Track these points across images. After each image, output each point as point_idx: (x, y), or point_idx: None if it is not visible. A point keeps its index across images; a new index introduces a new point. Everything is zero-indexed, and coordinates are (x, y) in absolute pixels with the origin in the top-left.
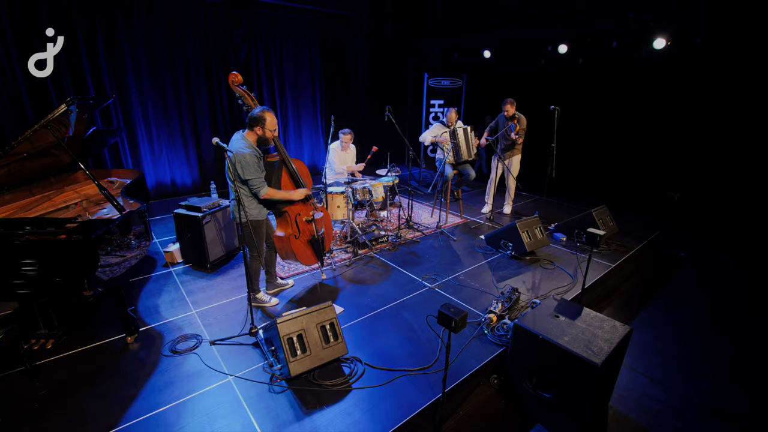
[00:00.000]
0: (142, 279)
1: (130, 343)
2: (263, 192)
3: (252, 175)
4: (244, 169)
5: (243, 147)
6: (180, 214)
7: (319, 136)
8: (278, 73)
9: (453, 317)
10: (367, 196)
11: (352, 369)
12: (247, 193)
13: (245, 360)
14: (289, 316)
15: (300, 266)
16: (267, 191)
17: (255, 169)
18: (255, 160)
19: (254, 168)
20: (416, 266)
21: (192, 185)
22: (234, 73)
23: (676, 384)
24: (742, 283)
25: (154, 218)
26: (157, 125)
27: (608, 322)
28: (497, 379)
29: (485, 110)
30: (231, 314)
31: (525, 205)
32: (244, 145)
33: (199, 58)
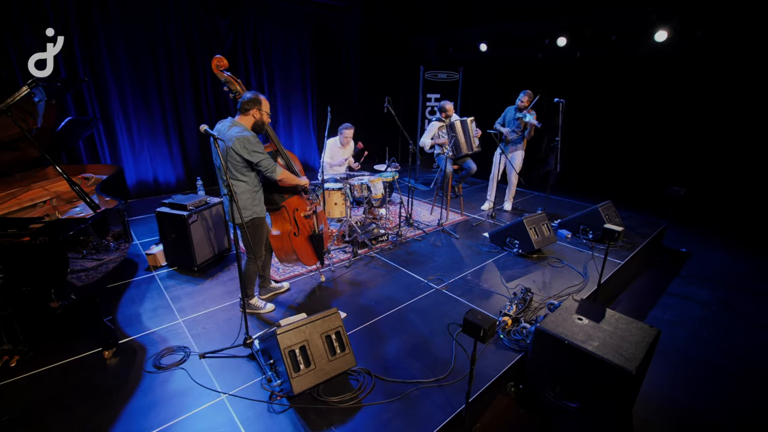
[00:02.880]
0: (122, 285)
1: (108, 358)
2: (278, 173)
3: (261, 156)
4: (251, 151)
5: (241, 130)
6: (163, 213)
7: (310, 131)
8: (267, 65)
9: (481, 325)
10: (365, 192)
11: (361, 382)
12: (250, 185)
13: (240, 375)
14: (291, 326)
15: (297, 268)
16: (281, 172)
17: (261, 149)
18: (258, 141)
19: (260, 148)
20: (420, 266)
21: (176, 183)
22: (218, 57)
23: (697, 386)
24: (747, 278)
25: (135, 218)
26: (137, 119)
27: (635, 323)
28: (514, 387)
29: (483, 104)
30: (222, 323)
31: (524, 201)
32: (242, 129)
33: (182, 49)
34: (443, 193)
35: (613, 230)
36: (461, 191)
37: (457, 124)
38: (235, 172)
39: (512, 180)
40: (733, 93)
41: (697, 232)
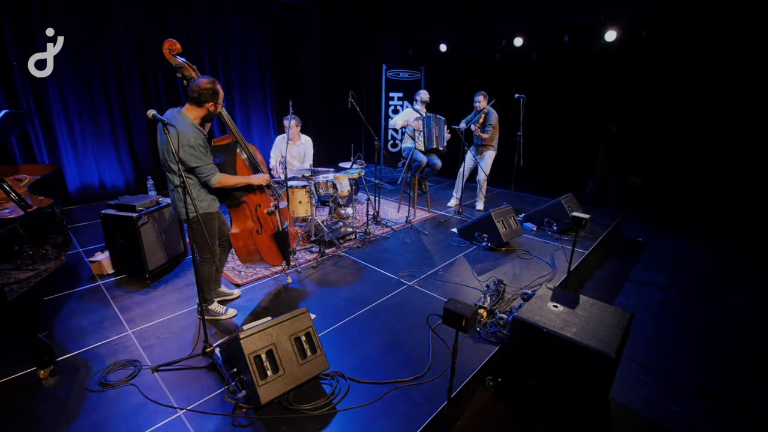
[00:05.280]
0: (61, 296)
1: (44, 378)
2: (215, 180)
3: (200, 160)
4: (189, 154)
5: (185, 126)
6: (109, 215)
7: (270, 130)
8: (224, 64)
9: (463, 314)
10: (331, 190)
11: (335, 386)
12: (193, 180)
13: (199, 388)
14: (255, 329)
15: (261, 270)
16: (220, 179)
17: (203, 153)
18: (201, 142)
19: (201, 151)
20: (390, 263)
21: (125, 187)
22: (170, 40)
23: (666, 368)
24: (701, 262)
25: (79, 225)
26: (80, 119)
27: (608, 308)
28: (493, 381)
29: (446, 102)
30: (178, 332)
31: (489, 197)
32: (186, 123)
33: (130, 47)
34: (410, 190)
35: (581, 217)
36: (428, 188)
37: (434, 118)
38: (173, 165)
39: (481, 179)
40: (682, 86)
41: (650, 222)
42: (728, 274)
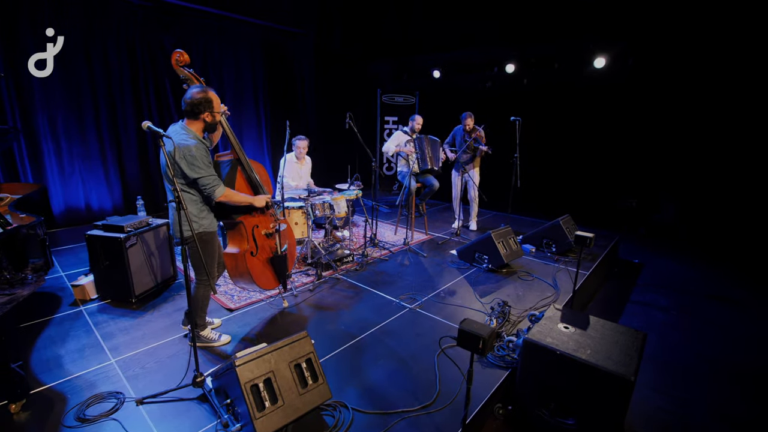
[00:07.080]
0: (39, 323)
1: (15, 413)
2: (219, 193)
3: (202, 171)
4: (190, 165)
5: (185, 138)
6: (95, 236)
7: (264, 155)
8: (218, 86)
9: (480, 335)
10: (328, 212)
11: (337, 418)
12: (195, 197)
13: (188, 422)
14: (252, 355)
15: (254, 293)
16: (224, 192)
17: (205, 163)
18: (203, 153)
19: (204, 162)
20: (390, 286)
21: (113, 209)
22: (179, 51)
23: (677, 391)
24: (699, 282)
25: (62, 248)
26: (68, 138)
27: (620, 328)
28: (503, 408)
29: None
30: (165, 360)
31: (486, 220)
32: (187, 136)
33: (124, 65)
34: (407, 212)
35: (585, 236)
36: (425, 210)
37: (426, 139)
38: (183, 178)
39: (474, 196)
40: (676, 108)
41: (645, 243)
42: (727, 293)
